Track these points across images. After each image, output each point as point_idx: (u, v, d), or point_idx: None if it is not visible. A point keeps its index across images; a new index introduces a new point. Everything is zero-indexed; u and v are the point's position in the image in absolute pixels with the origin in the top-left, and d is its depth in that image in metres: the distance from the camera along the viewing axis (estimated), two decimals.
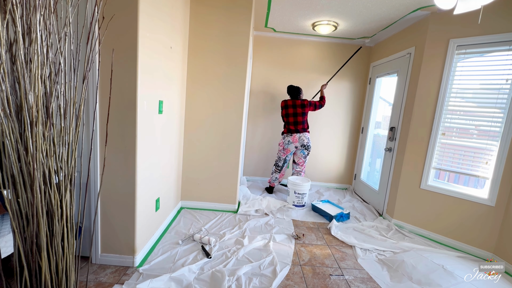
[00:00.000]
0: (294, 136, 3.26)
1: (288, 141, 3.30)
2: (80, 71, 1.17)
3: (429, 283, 1.76)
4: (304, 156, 3.34)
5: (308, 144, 3.26)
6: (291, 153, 3.39)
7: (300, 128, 3.24)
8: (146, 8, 1.61)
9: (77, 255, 1.15)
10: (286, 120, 3.30)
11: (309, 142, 3.28)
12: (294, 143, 3.28)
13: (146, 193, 1.88)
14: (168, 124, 2.23)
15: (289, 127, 3.27)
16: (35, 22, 0.90)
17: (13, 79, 0.90)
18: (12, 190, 0.94)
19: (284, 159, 3.40)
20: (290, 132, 3.29)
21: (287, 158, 3.40)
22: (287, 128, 3.31)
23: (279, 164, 3.41)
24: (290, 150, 3.35)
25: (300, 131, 3.24)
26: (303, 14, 2.84)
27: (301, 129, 3.24)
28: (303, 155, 3.34)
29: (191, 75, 2.62)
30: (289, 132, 3.29)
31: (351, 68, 3.74)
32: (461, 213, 2.36)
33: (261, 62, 3.71)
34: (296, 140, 3.26)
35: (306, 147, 3.27)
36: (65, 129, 1.05)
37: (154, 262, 1.84)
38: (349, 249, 2.25)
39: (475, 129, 2.37)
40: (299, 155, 3.36)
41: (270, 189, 3.51)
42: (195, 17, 2.52)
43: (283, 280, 1.77)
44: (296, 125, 3.24)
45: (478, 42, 2.23)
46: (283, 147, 3.37)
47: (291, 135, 3.28)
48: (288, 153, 3.37)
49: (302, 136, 3.24)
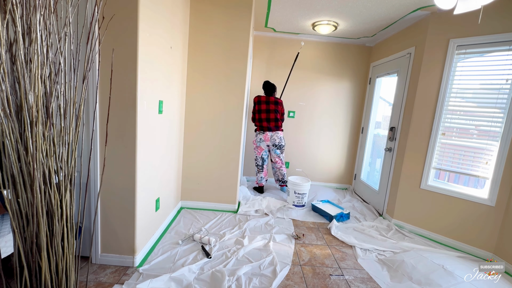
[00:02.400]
0: (266, 134, 3.27)
1: (260, 138, 3.31)
2: (80, 71, 1.17)
3: (429, 283, 1.76)
4: (278, 155, 3.34)
5: (280, 143, 3.27)
6: (265, 151, 3.39)
7: (272, 126, 3.22)
8: (146, 8, 1.61)
9: (77, 255, 1.15)
10: (258, 117, 3.27)
11: (281, 141, 3.28)
12: (266, 142, 3.29)
13: (146, 193, 1.88)
14: (168, 124, 2.23)
15: (261, 124, 3.26)
16: (35, 22, 0.90)
17: (13, 79, 0.90)
18: (12, 190, 0.94)
19: (261, 158, 3.41)
20: (262, 130, 3.29)
21: (263, 155, 3.41)
22: (259, 125, 3.31)
23: (259, 163, 3.43)
24: (262, 148, 3.35)
25: (272, 129, 3.23)
26: (303, 14, 2.84)
27: (273, 127, 3.23)
28: (276, 154, 3.34)
29: (191, 75, 2.62)
30: (261, 129, 3.30)
31: (351, 68, 3.74)
32: (461, 213, 2.36)
33: (261, 62, 3.71)
34: (267, 139, 3.27)
35: (278, 146, 3.28)
36: (65, 129, 1.05)
37: (154, 262, 1.84)
38: (349, 249, 2.25)
39: (475, 129, 2.37)
40: (274, 155, 3.37)
41: (259, 188, 3.50)
42: (195, 17, 2.52)
43: (283, 280, 1.77)
44: (268, 122, 3.22)
45: (478, 42, 2.23)
46: (255, 145, 3.38)
47: (263, 133, 3.28)
48: (262, 151, 3.37)
49: (274, 136, 3.24)
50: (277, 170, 3.44)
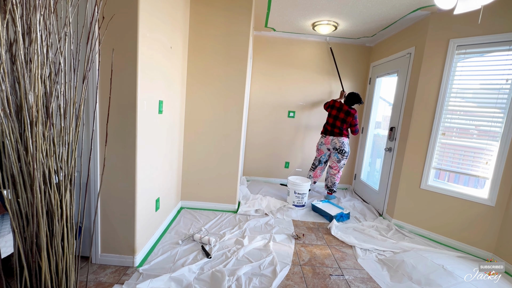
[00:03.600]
0: (327, 138, 3.28)
1: (321, 142, 3.35)
2: (80, 71, 1.17)
3: (429, 283, 1.76)
4: (338, 160, 3.24)
5: (341, 148, 3.18)
6: (325, 154, 3.37)
7: (336, 132, 3.21)
8: (146, 7, 1.61)
9: (77, 255, 1.15)
10: (327, 119, 3.31)
11: (343, 146, 3.18)
12: (326, 145, 3.30)
13: (146, 193, 1.88)
14: (168, 124, 2.23)
15: (326, 126, 3.29)
16: (35, 22, 0.90)
17: (13, 79, 0.90)
18: (12, 190, 0.94)
19: (318, 160, 3.42)
20: (325, 133, 3.31)
21: (321, 158, 3.41)
22: (324, 127, 3.34)
23: (315, 163, 3.47)
24: (323, 151, 3.36)
25: (335, 134, 3.21)
26: (303, 14, 2.84)
27: (336, 133, 3.21)
28: (336, 159, 3.25)
29: (191, 75, 2.62)
30: (324, 132, 3.32)
31: (351, 68, 3.74)
32: (461, 213, 2.36)
33: (261, 61, 3.71)
34: (328, 142, 3.27)
35: (339, 150, 3.20)
36: (65, 129, 1.05)
37: (154, 262, 1.84)
38: (349, 249, 2.25)
39: (475, 129, 2.37)
40: (333, 159, 3.30)
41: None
42: (195, 17, 2.52)
43: (283, 280, 1.77)
44: (333, 127, 3.22)
45: (478, 42, 2.23)
46: (317, 147, 3.42)
47: (325, 136, 3.30)
48: (322, 154, 3.37)
49: (335, 139, 3.21)
50: (330, 176, 3.37)
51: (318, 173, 3.50)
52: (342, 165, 3.29)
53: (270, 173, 4.01)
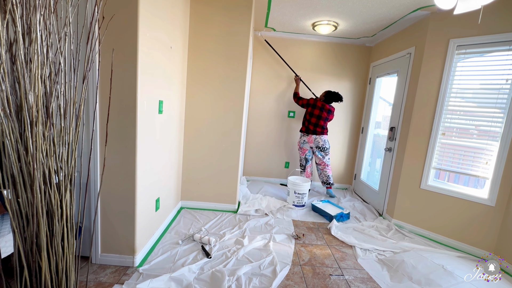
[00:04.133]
0: (310, 136, 3.32)
1: (303, 140, 3.38)
2: (80, 71, 1.17)
3: (429, 283, 1.76)
4: (322, 156, 3.35)
5: (323, 146, 3.29)
6: (309, 151, 3.43)
7: (318, 131, 3.26)
8: (146, 7, 1.61)
9: (77, 255, 1.15)
10: (308, 119, 3.31)
11: (325, 144, 3.31)
12: (309, 143, 3.34)
13: (146, 193, 1.88)
14: (168, 124, 2.23)
15: (308, 126, 3.31)
16: (35, 22, 0.90)
17: (13, 79, 0.90)
18: (12, 190, 0.94)
19: (304, 158, 3.46)
20: (307, 132, 3.33)
21: (307, 156, 3.45)
22: (305, 126, 3.35)
23: (302, 163, 3.49)
24: (306, 149, 3.40)
25: (317, 133, 3.27)
26: (303, 14, 2.84)
27: (319, 132, 3.27)
28: (321, 156, 3.35)
29: (191, 75, 2.62)
30: (306, 131, 3.34)
31: (351, 68, 3.74)
32: (461, 213, 2.36)
33: (261, 61, 3.71)
34: (311, 141, 3.31)
35: (322, 148, 3.30)
36: (65, 129, 1.05)
37: (154, 262, 1.84)
38: (349, 249, 2.25)
39: (475, 129, 2.37)
40: (318, 157, 3.38)
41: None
42: (195, 17, 2.52)
43: (283, 280, 1.77)
44: (315, 127, 3.27)
45: (478, 42, 2.23)
46: (299, 146, 3.45)
47: (307, 135, 3.33)
48: (306, 151, 3.42)
49: (318, 138, 3.27)
50: (321, 171, 3.45)
51: (309, 172, 3.54)
52: (328, 160, 3.39)
53: (270, 173, 4.01)
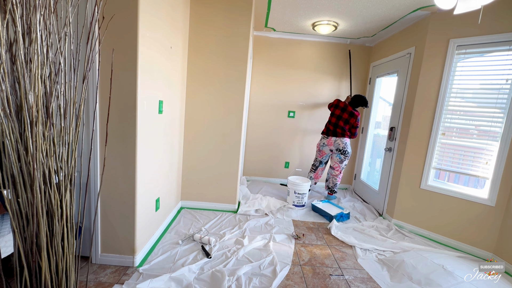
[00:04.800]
0: (330, 139, 3.24)
1: (323, 143, 3.30)
2: (80, 71, 1.17)
3: (429, 283, 1.76)
4: (340, 160, 3.23)
5: (344, 149, 3.17)
6: (327, 155, 3.35)
7: (338, 132, 3.17)
8: (146, 7, 1.61)
9: (77, 255, 1.15)
10: (329, 119, 3.27)
11: (346, 147, 3.18)
12: (328, 146, 3.26)
13: (146, 193, 1.88)
14: (168, 124, 2.23)
15: (329, 126, 3.24)
16: (35, 22, 0.90)
17: (13, 79, 0.90)
18: (12, 190, 0.94)
19: (319, 161, 3.40)
20: (327, 134, 3.27)
21: (323, 160, 3.38)
22: (326, 128, 3.29)
23: (315, 164, 3.44)
24: (325, 153, 3.32)
25: (338, 135, 3.18)
26: (303, 14, 2.84)
27: (339, 134, 3.17)
28: (338, 159, 3.24)
29: (191, 75, 2.62)
30: (326, 133, 3.27)
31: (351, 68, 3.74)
32: (461, 213, 2.36)
33: (261, 62, 3.71)
34: (331, 144, 3.23)
35: (342, 151, 3.19)
36: (65, 129, 1.05)
37: (154, 262, 1.84)
38: (349, 249, 2.25)
39: (475, 129, 2.37)
40: (335, 159, 3.28)
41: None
42: (195, 17, 2.52)
43: (283, 280, 1.77)
44: (335, 127, 3.18)
45: (478, 42, 2.23)
46: (318, 149, 3.37)
47: (327, 137, 3.26)
48: (324, 155, 3.34)
49: (338, 140, 3.18)
50: (331, 176, 3.36)
51: (319, 174, 3.49)
52: (344, 166, 3.28)
53: (270, 173, 4.01)
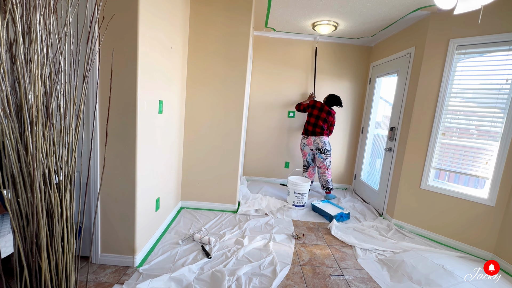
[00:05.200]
0: (309, 138, 3.30)
1: (303, 143, 3.38)
2: (80, 71, 1.17)
3: (429, 283, 1.76)
4: (323, 159, 3.28)
5: (323, 147, 3.23)
6: (309, 154, 3.42)
7: (317, 131, 3.23)
8: (146, 7, 1.61)
9: (77, 255, 1.15)
10: (308, 120, 3.32)
11: (326, 145, 3.24)
12: (309, 146, 3.33)
13: (146, 193, 1.88)
14: (168, 124, 2.23)
15: (307, 127, 3.30)
16: (35, 22, 0.90)
17: (13, 79, 0.90)
18: (12, 190, 0.94)
19: (306, 161, 3.47)
20: (306, 134, 3.33)
21: (308, 159, 3.45)
22: (304, 128, 3.35)
23: (305, 164, 3.53)
24: (307, 152, 3.40)
25: (317, 134, 3.24)
26: (303, 14, 2.84)
27: (318, 133, 3.23)
28: (321, 158, 3.28)
29: (191, 75, 2.62)
30: (305, 133, 3.34)
31: (351, 68, 3.74)
32: (461, 213, 2.36)
33: (261, 62, 3.71)
34: (310, 143, 3.29)
35: (322, 150, 3.24)
36: (65, 129, 1.05)
37: (154, 262, 1.84)
38: (349, 249, 2.25)
39: (475, 129, 2.37)
40: (318, 159, 3.32)
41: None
42: (195, 17, 2.52)
43: (283, 280, 1.77)
44: (314, 127, 3.24)
45: (478, 42, 2.23)
46: (301, 149, 3.46)
47: (307, 137, 3.33)
48: (306, 154, 3.42)
49: (317, 140, 3.24)
50: (320, 175, 3.40)
51: (312, 173, 3.55)
52: (329, 163, 3.33)
53: (270, 173, 4.01)
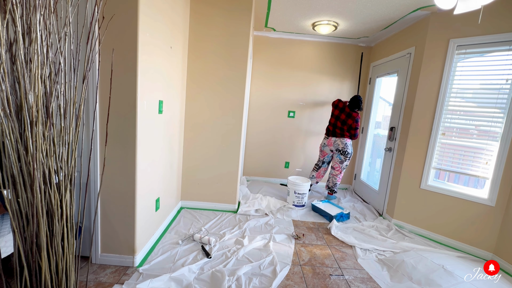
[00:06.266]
0: (330, 139, 3.27)
1: (324, 143, 3.35)
2: (80, 71, 1.17)
3: (429, 283, 1.76)
4: (340, 161, 3.24)
5: (344, 149, 3.16)
6: (328, 155, 3.37)
7: (337, 132, 3.19)
8: (146, 8, 1.61)
9: (77, 255, 1.15)
10: (329, 120, 3.32)
11: (346, 147, 3.16)
12: (329, 146, 3.29)
13: (146, 193, 1.88)
14: (168, 124, 2.23)
15: (329, 127, 3.30)
16: (35, 22, 0.90)
17: (13, 79, 0.90)
18: (12, 190, 0.94)
19: (322, 161, 3.43)
20: (327, 134, 3.31)
21: (325, 160, 3.41)
22: (327, 128, 3.34)
23: (318, 163, 3.47)
24: (326, 153, 3.36)
25: (337, 135, 3.20)
26: (303, 14, 2.84)
27: (338, 134, 3.19)
28: (339, 160, 3.25)
29: (191, 75, 2.62)
30: (327, 133, 3.32)
31: (351, 68, 3.74)
32: (461, 213, 2.36)
33: (261, 62, 3.71)
34: (331, 144, 3.26)
35: (342, 152, 3.19)
36: (65, 129, 1.05)
37: (154, 262, 1.84)
38: (349, 249, 2.25)
39: (475, 129, 2.37)
40: (336, 160, 3.29)
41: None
42: (195, 17, 2.52)
43: (283, 280, 1.77)
44: (334, 128, 3.22)
45: (478, 42, 2.23)
46: (320, 149, 3.41)
47: (328, 137, 3.30)
48: (325, 155, 3.37)
49: (337, 141, 3.20)
50: (331, 176, 3.37)
51: (322, 174, 3.50)
52: (345, 166, 3.29)
53: (270, 173, 4.02)
